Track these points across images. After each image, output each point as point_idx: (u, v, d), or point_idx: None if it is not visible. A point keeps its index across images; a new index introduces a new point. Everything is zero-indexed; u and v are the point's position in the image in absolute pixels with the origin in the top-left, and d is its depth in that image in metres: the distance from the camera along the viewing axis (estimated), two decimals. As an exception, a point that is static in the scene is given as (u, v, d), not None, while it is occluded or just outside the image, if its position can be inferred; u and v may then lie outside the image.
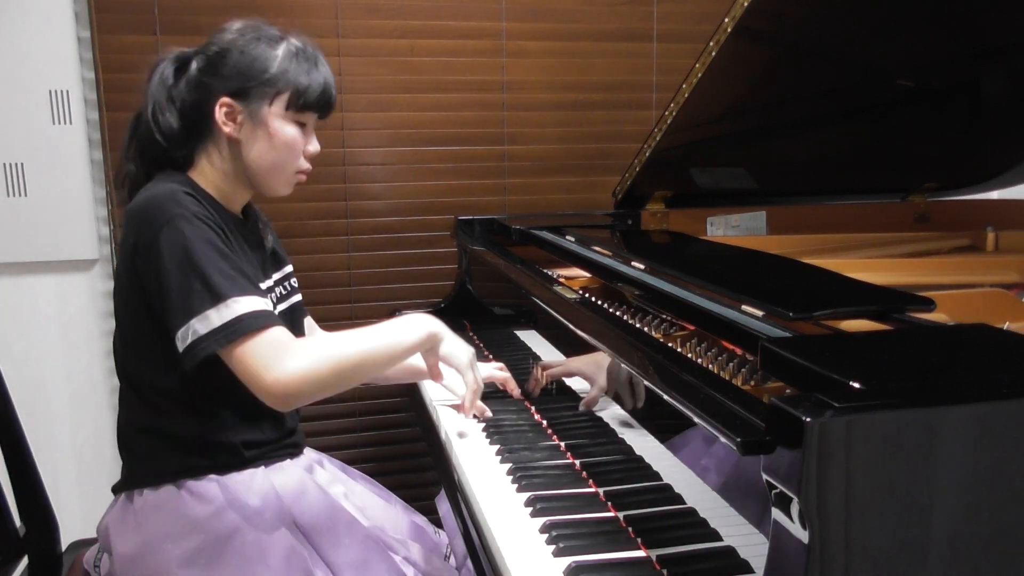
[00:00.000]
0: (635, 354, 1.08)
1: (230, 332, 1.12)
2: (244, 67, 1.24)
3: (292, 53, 1.27)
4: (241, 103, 1.25)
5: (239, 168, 1.28)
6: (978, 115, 1.84)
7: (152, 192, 1.20)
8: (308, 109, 1.29)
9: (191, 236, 1.15)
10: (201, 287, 1.13)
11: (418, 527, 1.45)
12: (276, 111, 1.26)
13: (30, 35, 1.97)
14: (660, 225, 1.95)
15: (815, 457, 0.65)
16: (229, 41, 1.26)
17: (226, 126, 1.25)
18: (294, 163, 1.30)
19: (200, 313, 1.12)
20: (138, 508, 1.23)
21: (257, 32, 1.28)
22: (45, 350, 2.10)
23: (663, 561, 0.97)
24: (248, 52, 1.25)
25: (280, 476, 1.28)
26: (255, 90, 1.24)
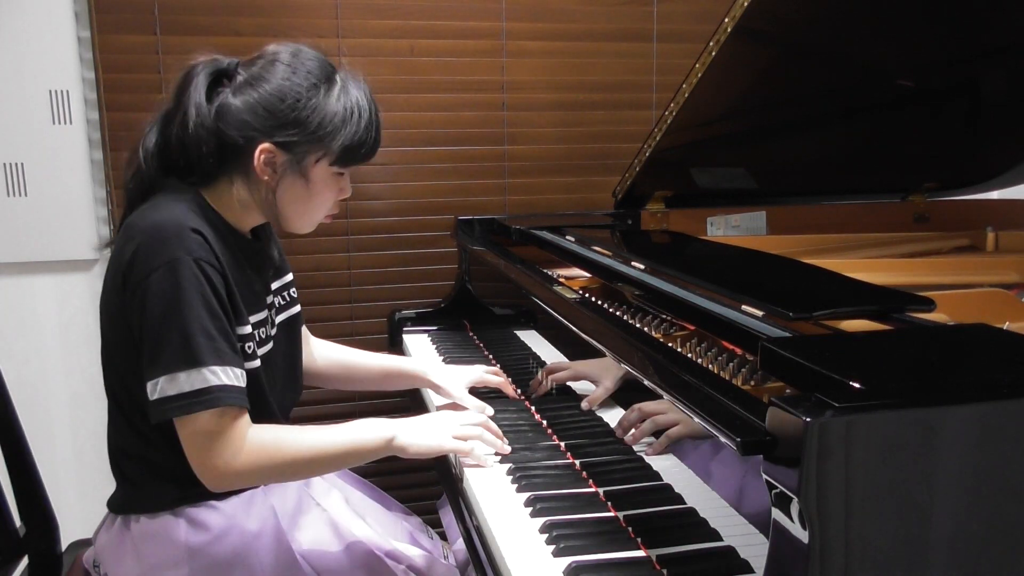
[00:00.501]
0: (635, 354, 1.08)
1: (195, 402, 1.08)
2: (296, 120, 1.16)
3: (349, 110, 1.20)
4: (285, 152, 1.18)
5: (265, 205, 1.23)
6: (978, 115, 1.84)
7: (160, 218, 1.13)
8: (355, 163, 1.24)
9: (186, 286, 1.09)
10: (179, 344, 1.08)
11: (416, 532, 1.45)
12: (321, 166, 1.21)
13: (30, 35, 1.97)
14: (660, 225, 1.95)
15: (815, 457, 0.65)
16: (280, 79, 1.17)
17: (264, 173, 1.19)
18: (326, 209, 1.28)
19: (171, 372, 1.08)
20: (136, 535, 1.20)
21: (309, 70, 1.19)
22: (45, 350, 2.10)
23: (663, 561, 0.97)
24: (302, 102, 1.16)
25: (278, 495, 1.26)
26: (303, 145, 1.18)
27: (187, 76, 1.20)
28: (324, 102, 1.18)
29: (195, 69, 1.19)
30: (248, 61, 1.22)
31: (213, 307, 1.11)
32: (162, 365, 1.08)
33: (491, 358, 1.83)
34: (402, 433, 1.23)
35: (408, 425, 1.25)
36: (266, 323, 1.27)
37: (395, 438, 1.22)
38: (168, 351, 1.08)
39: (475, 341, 1.98)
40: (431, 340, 2.01)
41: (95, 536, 1.29)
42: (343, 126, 1.19)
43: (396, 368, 1.57)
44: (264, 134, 1.17)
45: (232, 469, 1.11)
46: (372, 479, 1.55)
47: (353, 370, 1.57)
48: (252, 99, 1.16)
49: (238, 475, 1.13)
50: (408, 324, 2.09)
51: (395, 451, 1.23)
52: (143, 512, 1.21)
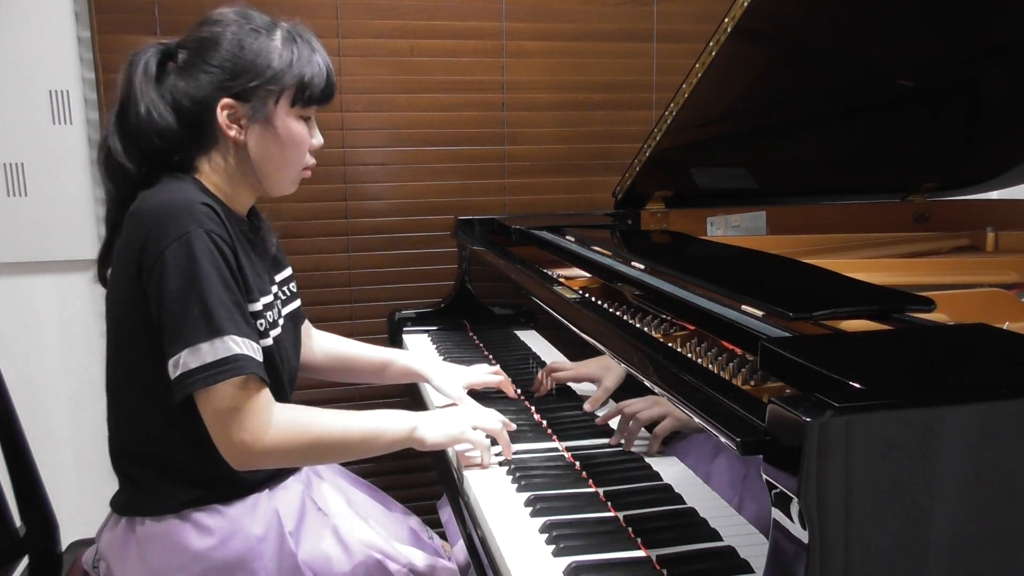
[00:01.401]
0: (635, 354, 1.08)
1: (219, 371, 1.07)
2: (245, 65, 1.17)
3: (290, 42, 1.21)
4: (244, 104, 1.19)
5: (244, 170, 1.23)
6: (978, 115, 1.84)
7: (168, 198, 1.13)
8: (313, 103, 1.24)
9: (201, 257, 1.09)
10: (200, 315, 1.07)
11: (415, 531, 1.45)
12: (282, 109, 1.21)
13: (30, 35, 1.97)
14: (660, 225, 1.95)
15: (815, 457, 0.65)
16: (221, 33, 1.18)
17: (230, 129, 1.19)
18: (301, 160, 1.27)
19: (193, 344, 1.07)
20: (140, 537, 1.20)
21: (249, 21, 1.20)
22: (45, 350, 2.10)
23: (663, 561, 0.97)
24: (247, 48, 1.18)
25: (282, 498, 1.26)
26: (258, 90, 1.18)
27: (131, 64, 1.20)
28: (267, 44, 1.19)
29: (137, 55, 1.20)
30: (189, 34, 1.22)
31: (227, 279, 1.12)
32: (183, 339, 1.07)
33: (491, 358, 1.83)
34: (423, 425, 1.24)
35: (429, 417, 1.27)
36: (273, 308, 1.27)
37: (416, 429, 1.24)
38: (189, 323, 1.07)
39: (475, 341, 1.98)
40: (431, 340, 2.01)
41: (98, 535, 1.28)
42: (292, 63, 1.20)
43: (394, 362, 1.57)
44: (218, 90, 1.18)
45: (259, 445, 1.10)
46: (372, 479, 1.55)
47: (351, 363, 1.57)
48: (196, 58, 1.18)
49: (264, 452, 1.11)
50: (408, 324, 2.09)
51: (414, 442, 1.24)
52: (148, 515, 1.20)
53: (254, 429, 1.10)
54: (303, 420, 1.16)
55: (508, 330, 2.06)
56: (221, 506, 1.20)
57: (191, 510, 1.19)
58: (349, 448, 1.21)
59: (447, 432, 1.25)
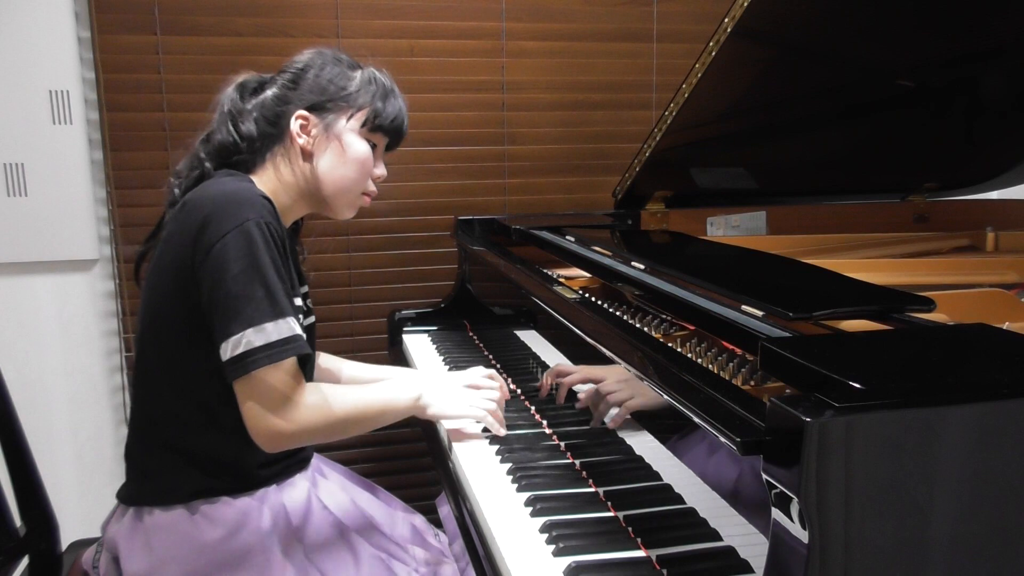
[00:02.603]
0: (635, 354, 1.08)
1: (285, 350, 1.13)
2: (323, 84, 1.29)
3: (370, 78, 1.32)
4: (318, 116, 1.28)
5: (305, 181, 1.30)
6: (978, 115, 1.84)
7: (229, 188, 1.19)
8: (381, 131, 1.33)
9: (261, 245, 1.14)
10: (264, 297, 1.12)
11: (419, 530, 1.45)
12: (351, 126, 1.30)
13: (30, 35, 1.97)
14: (660, 225, 1.95)
15: (815, 457, 0.65)
16: (308, 60, 1.31)
17: (300, 138, 1.27)
18: (362, 183, 1.33)
19: (259, 324, 1.12)
20: (148, 527, 1.21)
21: (338, 58, 1.32)
22: (45, 350, 2.10)
23: (663, 561, 0.97)
24: (327, 71, 1.29)
25: (289, 495, 1.27)
26: (333, 105, 1.28)
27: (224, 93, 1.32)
28: (347, 71, 1.31)
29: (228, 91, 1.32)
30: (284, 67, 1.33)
31: (280, 269, 1.17)
32: (246, 319, 1.11)
33: (491, 358, 1.83)
34: (427, 392, 1.31)
35: (433, 385, 1.33)
36: (303, 310, 1.31)
37: (421, 396, 1.30)
38: (253, 304, 1.12)
39: (475, 341, 1.98)
40: (431, 340, 2.01)
41: (104, 527, 1.29)
42: (368, 93, 1.31)
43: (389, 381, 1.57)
44: (297, 102, 1.28)
45: (290, 426, 1.15)
46: (374, 479, 1.55)
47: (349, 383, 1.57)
48: (283, 81, 1.30)
49: (294, 433, 1.16)
50: (408, 324, 2.09)
51: (418, 410, 1.30)
52: (156, 504, 1.22)
53: (289, 414, 1.15)
54: (328, 400, 1.20)
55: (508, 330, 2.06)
56: (229, 498, 1.22)
57: (200, 501, 1.21)
58: (366, 422, 1.26)
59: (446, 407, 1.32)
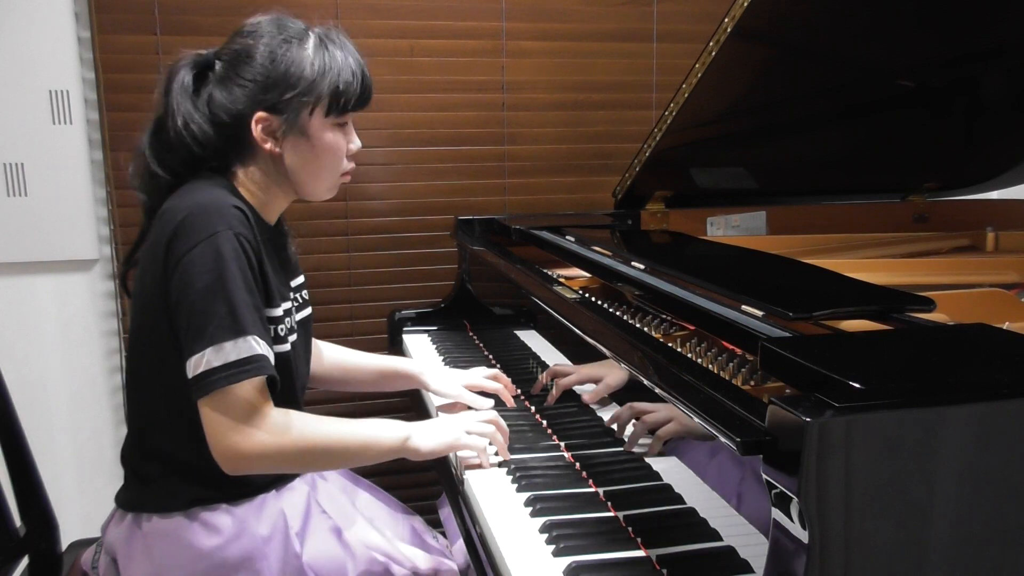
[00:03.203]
0: (635, 354, 1.08)
1: (242, 371, 1.08)
2: (278, 77, 1.18)
3: (322, 48, 1.20)
4: (278, 116, 1.19)
5: (280, 179, 1.24)
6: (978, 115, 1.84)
7: (200, 198, 1.14)
8: (349, 110, 1.24)
9: (228, 257, 1.10)
10: (226, 314, 1.08)
11: (419, 531, 1.45)
12: (317, 120, 1.21)
13: (30, 35, 1.97)
14: (660, 225, 1.95)
15: (815, 457, 0.65)
16: (254, 46, 1.19)
17: (265, 142, 1.20)
18: (339, 167, 1.27)
19: (217, 343, 1.08)
20: (147, 533, 1.20)
21: (283, 31, 1.20)
22: (45, 350, 2.10)
23: (663, 561, 0.97)
24: (279, 59, 1.18)
25: (288, 499, 1.26)
26: (292, 101, 1.18)
27: (168, 76, 1.21)
28: (299, 55, 1.19)
29: (175, 67, 1.21)
30: (225, 43, 1.23)
31: (251, 283, 1.13)
32: (207, 337, 1.08)
33: (491, 358, 1.83)
34: (416, 435, 1.24)
35: (422, 427, 1.26)
36: (291, 314, 1.28)
37: (410, 438, 1.23)
38: (214, 322, 1.08)
39: (475, 341, 1.98)
40: (431, 340, 2.01)
41: (103, 529, 1.29)
42: (326, 72, 1.20)
43: (393, 369, 1.57)
44: (252, 104, 1.18)
45: (253, 450, 1.10)
46: (373, 479, 1.55)
47: (351, 371, 1.58)
48: (234, 77, 1.18)
49: (258, 456, 1.11)
50: (408, 324, 2.09)
51: (408, 452, 1.23)
52: (155, 511, 1.21)
53: (251, 435, 1.10)
54: (301, 426, 1.15)
55: (508, 330, 2.06)
56: (228, 505, 1.21)
57: (198, 508, 1.20)
58: (341, 456, 1.21)
59: (440, 440, 1.24)
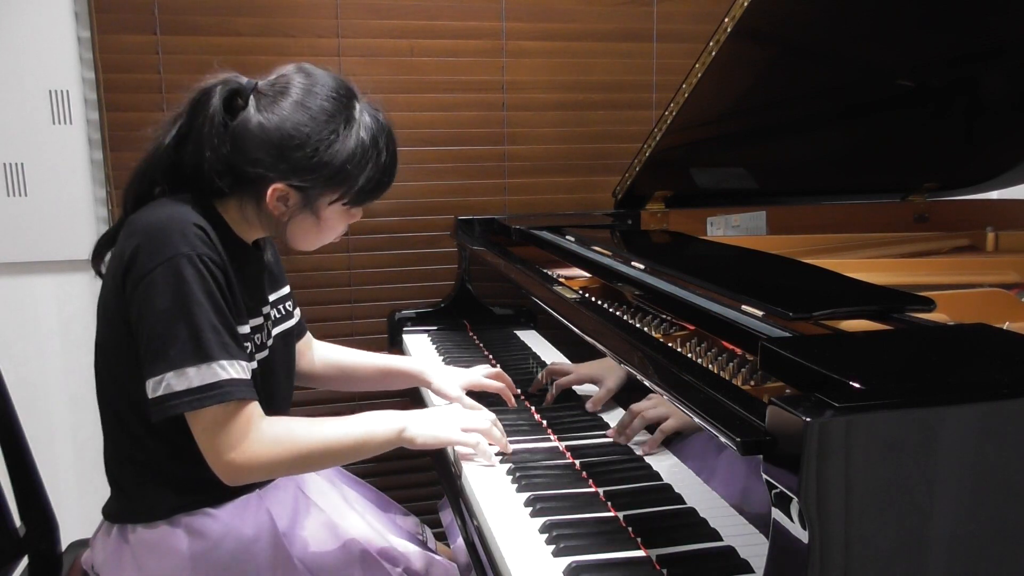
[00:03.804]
0: (635, 354, 1.08)
1: (205, 396, 1.07)
2: (312, 167, 1.14)
3: (363, 147, 1.17)
4: (298, 193, 1.17)
5: (270, 227, 1.23)
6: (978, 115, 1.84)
7: (162, 216, 1.13)
8: (369, 202, 1.24)
9: (191, 281, 1.08)
10: (188, 339, 1.07)
11: (413, 532, 1.45)
12: (334, 206, 1.20)
13: (30, 35, 1.97)
14: (660, 225, 1.95)
15: (815, 457, 0.65)
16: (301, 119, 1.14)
17: (276, 210, 1.18)
18: (334, 237, 1.28)
19: (179, 367, 1.06)
20: (133, 544, 1.20)
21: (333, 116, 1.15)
22: (45, 350, 2.10)
23: (663, 561, 0.97)
24: (321, 153, 1.14)
25: (275, 497, 1.26)
26: (318, 189, 1.17)
27: (203, 97, 1.17)
28: (341, 147, 1.16)
29: (212, 91, 1.16)
30: (270, 81, 1.19)
31: (218, 302, 1.11)
32: (168, 361, 1.07)
33: (491, 358, 1.83)
34: (412, 425, 1.23)
35: (417, 417, 1.25)
36: (262, 330, 1.27)
37: (405, 429, 1.22)
38: (176, 346, 1.07)
39: (475, 341, 1.98)
40: (431, 340, 2.01)
41: (91, 543, 1.29)
42: (360, 171, 1.18)
43: (393, 368, 1.57)
44: (277, 175, 1.15)
45: (247, 461, 1.10)
46: (370, 479, 1.55)
47: (350, 371, 1.58)
48: (266, 136, 1.14)
49: (253, 467, 1.12)
50: (408, 324, 2.09)
51: (404, 442, 1.23)
52: (139, 521, 1.21)
53: (243, 447, 1.10)
54: (291, 433, 1.15)
55: (508, 330, 2.06)
56: (211, 509, 1.21)
57: (181, 515, 1.20)
58: (339, 456, 1.21)
59: (435, 434, 1.24)
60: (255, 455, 1.11)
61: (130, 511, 1.22)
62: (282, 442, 1.13)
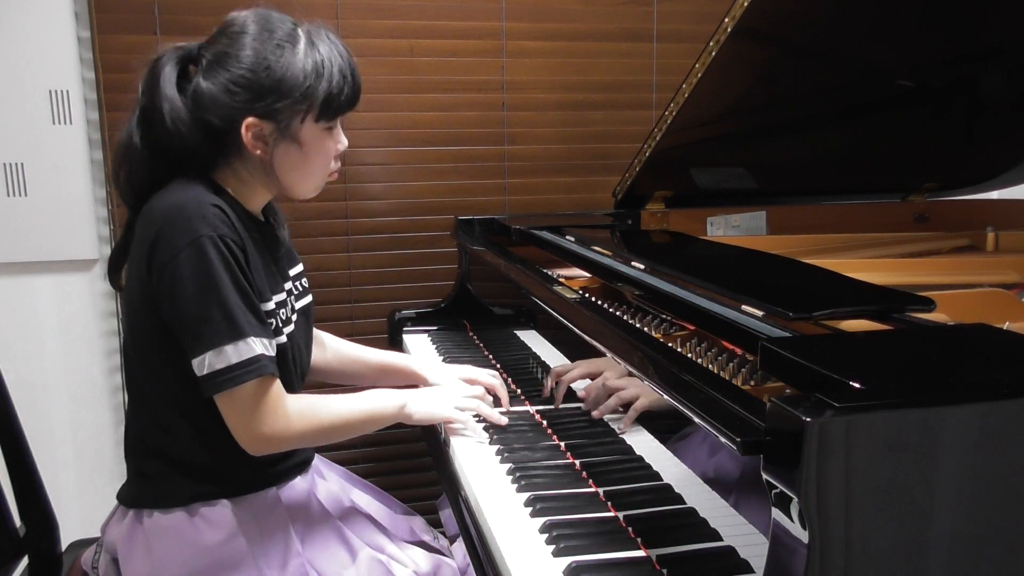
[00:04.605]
0: (635, 354, 1.08)
1: (244, 372, 1.11)
2: (270, 85, 1.15)
3: (312, 51, 1.18)
4: (269, 122, 1.17)
5: (265, 178, 1.23)
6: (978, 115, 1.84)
7: (180, 199, 1.14)
8: (340, 113, 1.24)
9: (216, 262, 1.11)
10: (221, 319, 1.10)
11: (418, 531, 1.45)
12: (308, 124, 1.20)
13: (30, 35, 1.97)
14: (660, 225, 1.95)
15: (815, 457, 0.65)
16: (242, 48, 1.16)
17: (256, 148, 1.19)
18: (327, 168, 1.28)
19: (217, 347, 1.11)
20: (148, 529, 1.20)
21: (272, 33, 1.17)
22: (45, 350, 2.10)
23: (663, 561, 0.97)
24: (272, 66, 1.15)
25: (289, 497, 1.27)
26: (285, 109, 1.17)
27: (153, 70, 1.18)
28: (291, 60, 1.17)
29: (160, 61, 1.18)
30: (211, 39, 1.21)
31: (240, 282, 1.14)
32: (206, 341, 1.11)
33: (491, 358, 1.83)
34: (411, 401, 1.32)
35: (416, 394, 1.35)
36: (286, 305, 1.29)
37: (406, 405, 1.31)
38: (211, 327, 1.11)
39: (475, 341, 1.98)
40: (431, 340, 2.01)
41: (104, 528, 1.29)
42: (318, 80, 1.18)
43: (392, 364, 1.58)
44: (243, 110, 1.16)
45: (275, 434, 1.16)
46: (373, 479, 1.55)
47: (352, 364, 1.58)
48: (223, 78, 1.16)
49: (280, 440, 1.18)
50: (408, 324, 2.09)
51: (404, 418, 1.31)
52: (156, 507, 1.21)
53: (272, 422, 1.16)
54: (313, 408, 1.22)
55: (508, 330, 2.06)
56: (229, 501, 1.21)
57: (199, 504, 1.20)
58: (352, 428, 1.27)
59: (431, 410, 1.34)
60: (283, 428, 1.17)
61: (148, 497, 1.23)
62: (306, 416, 1.20)
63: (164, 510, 1.20)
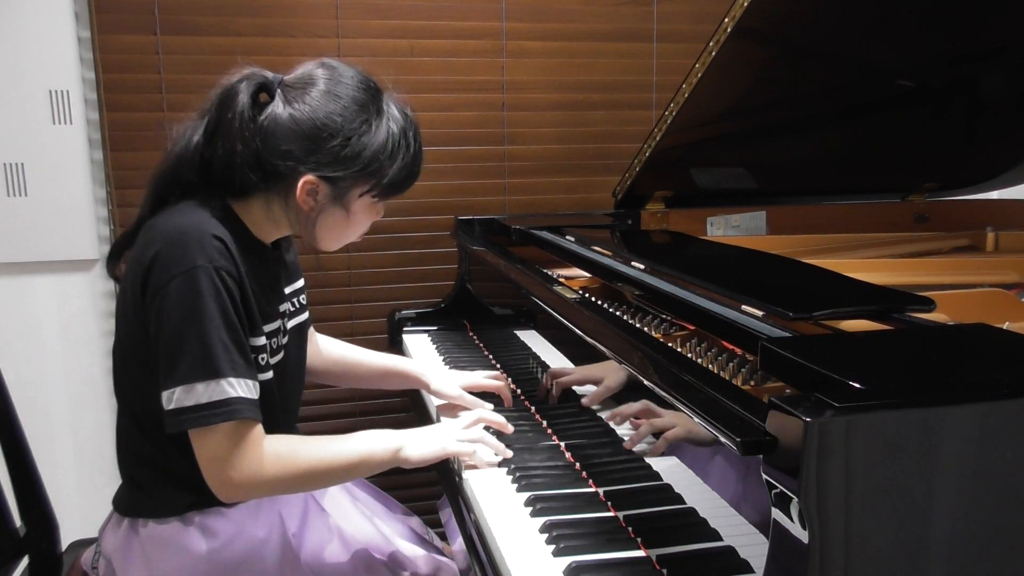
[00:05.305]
0: (635, 354, 1.08)
1: (212, 414, 1.07)
2: (343, 159, 1.14)
3: (393, 140, 1.18)
4: (328, 185, 1.16)
5: (300, 227, 1.22)
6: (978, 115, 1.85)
7: (184, 223, 1.12)
8: (396, 195, 1.24)
9: (205, 294, 1.07)
10: (198, 354, 1.07)
11: (418, 531, 1.45)
12: (363, 199, 1.20)
13: (30, 35, 1.97)
14: (660, 225, 1.95)
15: (815, 457, 0.65)
16: (331, 111, 1.14)
17: (305, 203, 1.17)
18: (360, 234, 1.28)
19: (188, 383, 1.06)
20: (144, 539, 1.20)
21: (363, 109, 1.17)
22: (45, 350, 2.10)
23: (663, 561, 0.97)
24: (352, 144, 1.14)
25: (286, 500, 1.26)
26: (347, 178, 1.16)
27: (229, 92, 1.15)
28: (373, 137, 1.17)
29: (238, 85, 1.15)
30: (292, 80, 1.18)
31: (231, 318, 1.10)
32: (179, 375, 1.07)
33: (491, 358, 1.83)
34: (408, 444, 1.23)
35: (413, 436, 1.25)
36: (279, 333, 1.27)
37: (402, 449, 1.22)
38: (186, 361, 1.07)
39: (475, 341, 1.98)
40: (431, 340, 2.01)
41: (100, 533, 1.29)
42: (390, 163, 1.18)
43: (395, 368, 1.57)
44: (309, 167, 1.14)
45: (246, 481, 1.10)
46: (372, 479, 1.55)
47: (353, 368, 1.58)
48: (297, 127, 1.14)
49: (252, 487, 1.12)
50: (408, 324, 2.09)
51: (400, 462, 1.22)
52: (151, 516, 1.20)
53: (241, 467, 1.10)
54: (291, 453, 1.15)
55: (508, 330, 2.06)
56: (224, 508, 1.21)
57: (194, 512, 1.19)
58: (337, 475, 1.20)
59: (430, 449, 1.24)
60: (253, 476, 1.10)
61: (143, 506, 1.22)
62: (282, 462, 1.13)
63: (159, 520, 1.20)
